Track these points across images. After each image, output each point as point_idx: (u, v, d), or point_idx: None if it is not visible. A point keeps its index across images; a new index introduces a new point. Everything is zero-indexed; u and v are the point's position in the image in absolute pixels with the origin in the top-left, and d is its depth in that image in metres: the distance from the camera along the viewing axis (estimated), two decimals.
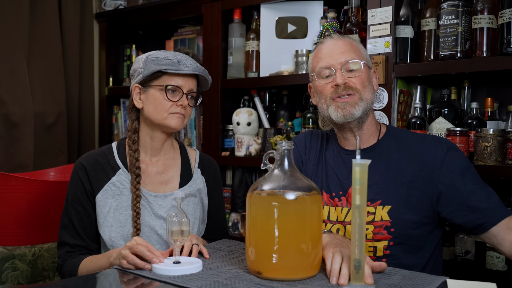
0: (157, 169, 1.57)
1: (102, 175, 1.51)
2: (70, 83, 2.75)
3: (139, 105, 1.54)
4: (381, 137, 1.48)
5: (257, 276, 1.14)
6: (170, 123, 1.50)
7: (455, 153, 1.39)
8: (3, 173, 1.98)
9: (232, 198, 2.47)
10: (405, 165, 1.41)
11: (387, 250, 1.37)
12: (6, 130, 2.45)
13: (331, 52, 1.43)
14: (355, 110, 1.39)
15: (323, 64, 1.43)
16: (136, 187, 1.49)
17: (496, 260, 1.68)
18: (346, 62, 1.40)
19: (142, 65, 1.50)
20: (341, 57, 1.41)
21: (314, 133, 1.62)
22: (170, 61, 1.47)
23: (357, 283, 1.05)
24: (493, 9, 1.69)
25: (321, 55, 1.45)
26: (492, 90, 1.98)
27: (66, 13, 2.72)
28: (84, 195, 1.50)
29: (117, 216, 1.49)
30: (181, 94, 1.50)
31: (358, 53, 1.44)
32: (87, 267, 1.41)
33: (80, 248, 1.49)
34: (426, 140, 1.44)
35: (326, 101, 1.43)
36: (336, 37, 1.48)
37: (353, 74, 1.41)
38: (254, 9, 2.39)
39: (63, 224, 1.51)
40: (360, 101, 1.40)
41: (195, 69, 1.50)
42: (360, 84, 1.40)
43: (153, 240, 1.50)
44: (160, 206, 1.52)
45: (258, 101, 2.41)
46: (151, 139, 1.56)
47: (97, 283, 1.21)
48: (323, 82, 1.43)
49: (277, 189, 1.15)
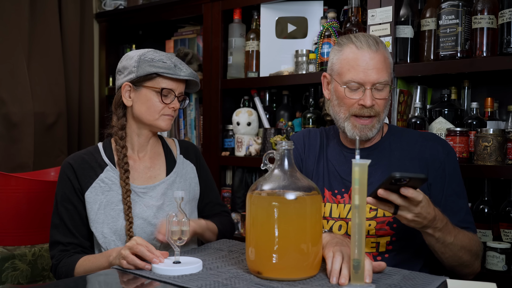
0: (144, 164, 1.59)
1: (90, 173, 1.52)
2: (70, 83, 2.75)
3: (128, 103, 1.55)
4: (382, 136, 1.51)
5: (257, 276, 1.14)
6: (160, 124, 1.54)
7: (453, 158, 1.45)
8: (3, 173, 1.98)
9: (232, 198, 2.47)
10: (407, 163, 1.44)
11: (389, 245, 1.39)
12: (6, 130, 2.45)
13: (366, 66, 1.37)
14: (371, 133, 1.42)
15: (356, 78, 1.37)
16: (126, 182, 1.51)
17: (496, 260, 1.68)
18: (379, 83, 1.38)
19: (135, 64, 1.51)
20: (375, 76, 1.37)
21: (312, 132, 1.63)
22: (166, 65, 1.50)
23: (356, 283, 1.05)
24: (493, 9, 1.69)
25: (354, 64, 1.38)
26: (492, 90, 1.97)
27: (66, 13, 2.72)
28: (73, 193, 1.51)
29: (108, 212, 1.49)
30: (173, 97, 1.53)
31: (389, 70, 1.41)
32: (84, 267, 1.41)
33: (74, 245, 1.49)
34: (426, 138, 1.47)
35: (346, 113, 1.42)
36: (373, 46, 1.38)
37: (381, 96, 1.40)
38: (254, 9, 2.39)
39: (54, 224, 1.51)
40: (377, 123, 1.42)
41: (190, 74, 1.55)
42: (383, 105, 1.41)
43: (147, 231, 1.51)
44: (150, 197, 1.54)
45: (258, 101, 2.41)
46: (137, 136, 1.58)
47: (97, 283, 1.21)
48: (350, 95, 1.40)
49: (277, 189, 1.15)
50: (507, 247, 1.67)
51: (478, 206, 1.79)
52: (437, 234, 1.24)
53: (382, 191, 1.14)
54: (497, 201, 1.80)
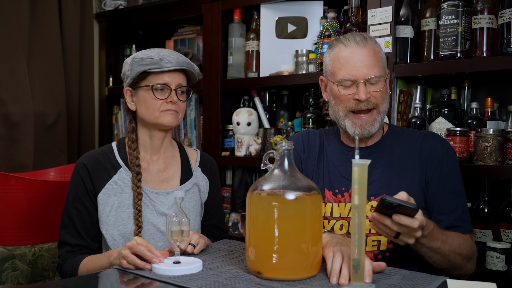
0: (158, 167, 1.58)
1: (104, 174, 1.51)
2: (70, 83, 2.75)
3: (132, 107, 1.56)
4: (383, 135, 1.52)
5: (257, 276, 1.14)
6: (163, 121, 1.51)
7: (452, 156, 1.45)
8: (3, 173, 1.98)
9: (232, 198, 2.47)
10: (407, 161, 1.45)
11: (390, 244, 1.40)
12: (6, 130, 2.45)
13: (355, 62, 1.39)
14: (373, 128, 1.42)
15: (347, 75, 1.39)
16: (137, 185, 1.49)
17: (496, 260, 1.68)
18: (370, 78, 1.39)
19: (129, 68, 1.53)
20: (366, 71, 1.38)
21: (311, 133, 1.63)
22: (153, 60, 1.48)
23: (356, 283, 1.06)
24: (493, 9, 1.69)
25: (344, 62, 1.40)
26: (492, 90, 1.97)
27: (66, 13, 2.72)
28: (86, 195, 1.50)
29: (119, 214, 1.49)
30: (169, 91, 1.51)
31: (381, 64, 1.42)
32: (87, 267, 1.41)
33: (81, 247, 1.49)
34: (426, 137, 1.48)
35: (344, 110, 1.43)
36: (361, 42, 1.40)
37: (375, 88, 1.40)
38: (254, 9, 2.39)
39: (64, 223, 1.51)
40: (378, 115, 1.42)
41: (178, 64, 1.50)
42: (380, 97, 1.42)
43: (156, 238, 1.51)
44: (162, 203, 1.53)
45: (258, 101, 2.41)
46: (150, 138, 1.57)
47: (97, 283, 1.21)
48: (344, 92, 1.41)
49: (277, 189, 1.15)
50: (507, 247, 1.67)
51: (478, 206, 1.79)
52: (422, 240, 1.23)
53: (375, 215, 1.14)
54: (497, 201, 1.80)
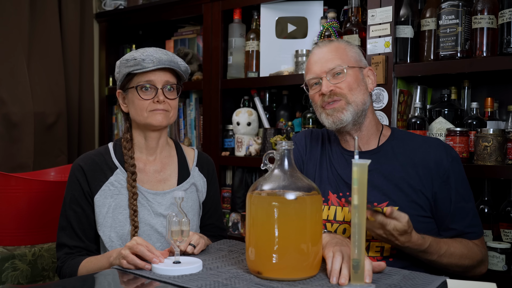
0: (155, 167, 1.58)
1: (100, 176, 1.51)
2: (70, 83, 2.75)
3: (125, 109, 1.57)
4: (385, 140, 1.50)
5: (257, 276, 1.14)
6: (152, 121, 1.50)
7: (457, 164, 1.45)
8: (3, 173, 1.98)
9: (232, 198, 2.47)
10: (410, 169, 1.43)
11: (393, 250, 1.39)
12: (6, 130, 2.45)
13: (318, 60, 1.47)
14: (343, 115, 1.43)
15: (311, 74, 1.48)
16: (132, 185, 1.49)
17: (496, 260, 1.68)
18: (330, 70, 1.44)
19: (118, 70, 1.53)
20: (325, 65, 1.45)
21: (314, 132, 1.63)
22: (136, 61, 1.47)
23: (356, 283, 1.05)
24: (493, 9, 1.69)
25: (309, 65, 1.49)
26: (492, 90, 1.97)
27: (66, 13, 2.72)
28: (82, 196, 1.50)
29: (116, 215, 1.49)
30: (155, 91, 1.49)
31: (344, 57, 1.46)
32: (86, 268, 1.41)
33: (79, 249, 1.49)
34: (430, 144, 1.47)
35: (318, 109, 1.49)
36: (322, 44, 1.50)
37: (338, 80, 1.44)
38: (254, 9, 2.39)
39: (62, 226, 1.51)
40: (347, 105, 1.43)
41: (159, 63, 1.47)
42: (346, 88, 1.43)
43: (153, 239, 1.50)
44: (159, 204, 1.53)
45: (258, 101, 2.41)
46: (144, 139, 1.57)
47: (97, 283, 1.21)
48: (312, 92, 1.49)
49: (277, 189, 1.15)
50: (507, 247, 1.67)
51: (478, 206, 1.79)
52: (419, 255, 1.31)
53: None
54: (497, 201, 1.80)
